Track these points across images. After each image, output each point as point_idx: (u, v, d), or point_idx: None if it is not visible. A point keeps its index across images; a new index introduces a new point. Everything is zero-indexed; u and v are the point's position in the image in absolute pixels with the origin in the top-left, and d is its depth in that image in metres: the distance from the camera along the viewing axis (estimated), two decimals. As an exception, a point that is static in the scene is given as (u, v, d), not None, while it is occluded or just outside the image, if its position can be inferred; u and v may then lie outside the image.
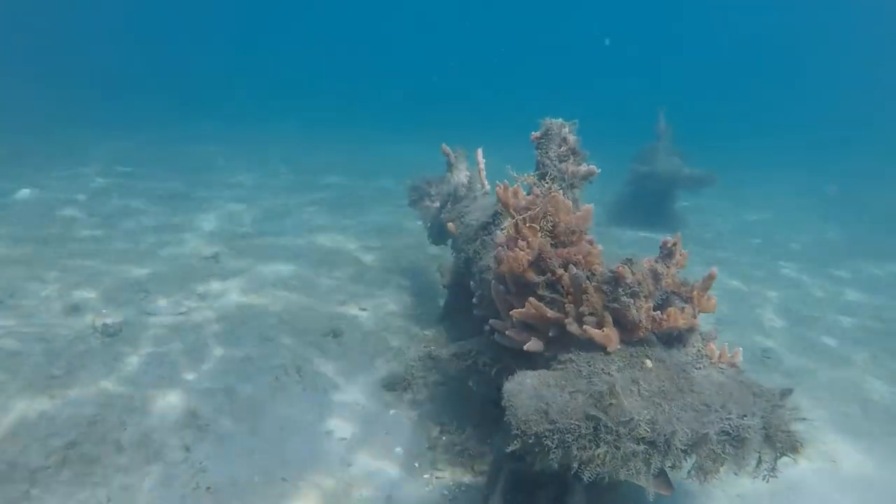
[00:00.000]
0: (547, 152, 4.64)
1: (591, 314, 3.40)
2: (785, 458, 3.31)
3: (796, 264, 11.27)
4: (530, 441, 2.91)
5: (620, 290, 3.29)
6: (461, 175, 7.49)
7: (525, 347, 3.59)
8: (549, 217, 3.61)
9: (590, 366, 3.33)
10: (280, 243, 9.67)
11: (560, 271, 3.59)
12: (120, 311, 6.46)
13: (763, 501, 4.22)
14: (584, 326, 3.37)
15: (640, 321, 3.33)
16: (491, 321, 3.99)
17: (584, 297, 3.38)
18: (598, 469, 2.89)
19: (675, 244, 3.42)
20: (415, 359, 5.63)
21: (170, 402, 4.81)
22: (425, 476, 4.21)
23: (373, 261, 9.16)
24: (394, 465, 4.30)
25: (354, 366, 5.73)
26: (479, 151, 6.83)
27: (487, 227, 5.11)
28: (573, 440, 2.87)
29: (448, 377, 5.17)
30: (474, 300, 4.78)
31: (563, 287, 3.60)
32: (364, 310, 7.26)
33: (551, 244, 3.71)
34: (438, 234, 7.87)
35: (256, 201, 12.70)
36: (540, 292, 3.63)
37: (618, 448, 2.88)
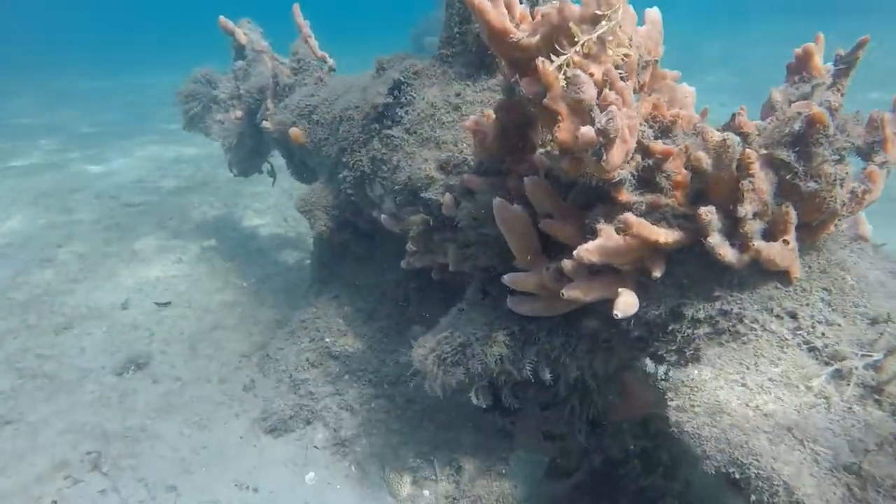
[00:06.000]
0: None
1: (755, 216, 1.78)
2: None
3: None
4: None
5: (821, 150, 1.69)
6: (266, 58, 5.14)
7: (616, 312, 1.88)
8: (619, 38, 1.79)
9: (780, 317, 1.77)
10: None
11: (659, 145, 1.86)
12: None
13: None
14: (753, 242, 1.75)
15: (841, 206, 1.81)
16: (508, 276, 2.17)
17: (743, 184, 1.72)
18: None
19: (861, 45, 1.89)
20: (302, 365, 3.58)
21: None
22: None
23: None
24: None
25: (200, 410, 3.50)
26: (296, 8, 4.56)
27: (387, 112, 3.09)
28: None
29: (385, 380, 3.29)
30: (410, 246, 2.87)
31: (665, 177, 1.90)
32: (164, 303, 4.85)
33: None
34: (251, 154, 5.52)
35: None
36: (624, 197, 1.88)
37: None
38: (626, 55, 1.83)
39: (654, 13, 2.06)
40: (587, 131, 1.57)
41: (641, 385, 2.45)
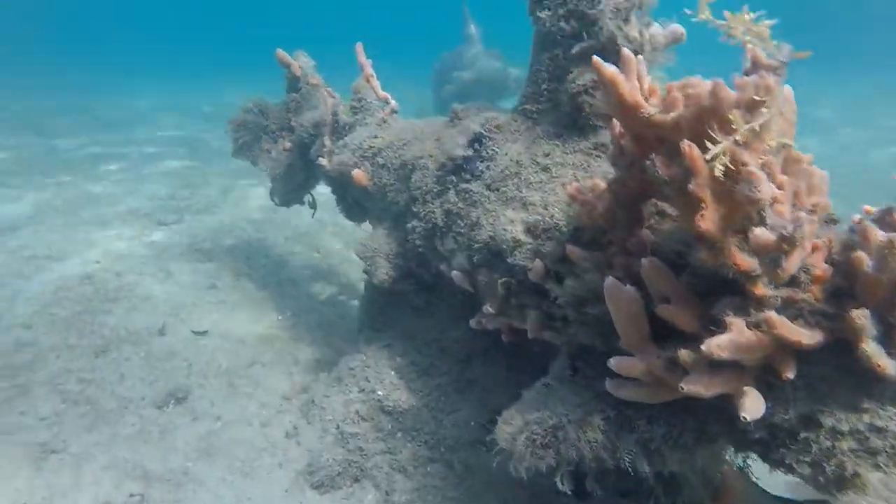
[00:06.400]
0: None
1: (917, 322, 1.62)
2: None
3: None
4: None
5: None
6: (323, 93, 5.08)
7: (744, 414, 1.71)
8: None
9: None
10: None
11: (815, 240, 1.72)
12: None
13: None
14: (917, 355, 1.60)
15: None
16: (614, 361, 2.01)
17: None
18: None
19: None
20: (351, 417, 3.40)
21: None
22: None
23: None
24: None
25: (242, 455, 3.32)
26: (360, 48, 4.49)
27: (466, 165, 2.97)
28: None
29: (442, 443, 3.10)
30: (487, 308, 2.72)
31: (804, 271, 1.75)
32: (202, 332, 4.70)
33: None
34: (297, 187, 5.43)
35: None
36: (760, 290, 1.73)
37: None
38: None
39: (787, 91, 1.94)
40: (763, 235, 1.43)
41: (739, 482, 2.27)
